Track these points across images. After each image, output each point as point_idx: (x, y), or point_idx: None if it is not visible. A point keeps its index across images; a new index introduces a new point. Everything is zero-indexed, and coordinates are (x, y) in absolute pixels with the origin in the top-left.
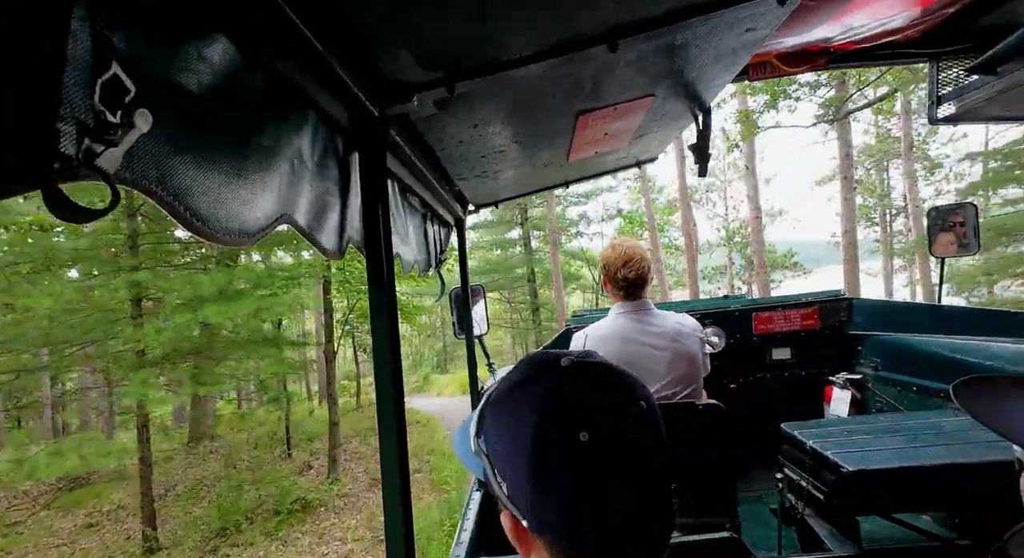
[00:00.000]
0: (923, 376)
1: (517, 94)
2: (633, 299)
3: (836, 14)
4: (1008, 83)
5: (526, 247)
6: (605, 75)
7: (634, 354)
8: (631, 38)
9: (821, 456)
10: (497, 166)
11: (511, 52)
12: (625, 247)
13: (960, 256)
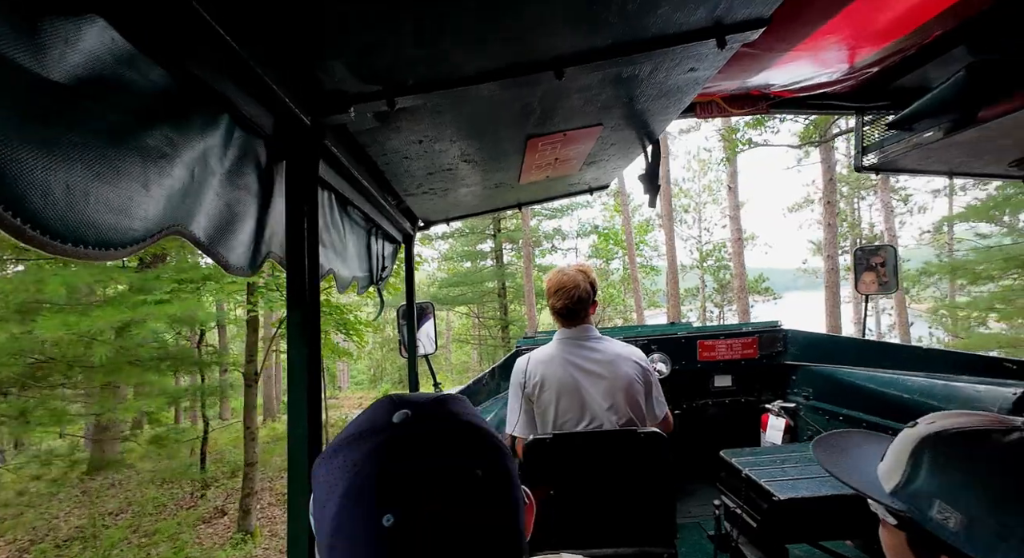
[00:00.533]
0: (848, 406)
1: (464, 113)
2: (571, 325)
3: (773, 64)
4: (920, 140)
5: (498, 260)
6: (554, 101)
7: (573, 380)
8: (577, 67)
9: (755, 484)
10: (446, 184)
11: (455, 71)
12: (561, 274)
13: (881, 294)
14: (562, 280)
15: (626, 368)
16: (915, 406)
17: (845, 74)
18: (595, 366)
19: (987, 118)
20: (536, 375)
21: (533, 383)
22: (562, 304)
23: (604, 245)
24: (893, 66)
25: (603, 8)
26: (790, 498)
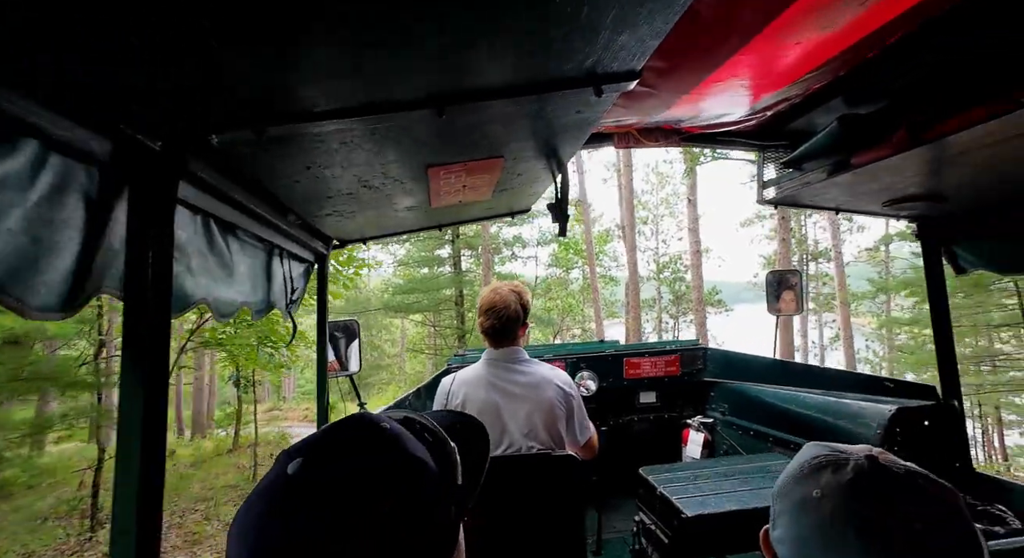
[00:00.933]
0: (758, 421)
1: (353, 142)
2: (499, 346)
3: (675, 104)
4: (808, 179)
5: (456, 267)
6: (446, 135)
7: (494, 404)
8: (458, 106)
9: (668, 501)
10: (351, 207)
11: (328, 103)
12: (493, 293)
13: (790, 315)
14: (493, 299)
15: (548, 393)
16: (812, 421)
17: (746, 115)
18: (518, 389)
19: (859, 164)
20: (458, 396)
21: (455, 404)
22: (490, 324)
23: (564, 254)
24: (785, 111)
25: (485, 54)
26: (698, 514)
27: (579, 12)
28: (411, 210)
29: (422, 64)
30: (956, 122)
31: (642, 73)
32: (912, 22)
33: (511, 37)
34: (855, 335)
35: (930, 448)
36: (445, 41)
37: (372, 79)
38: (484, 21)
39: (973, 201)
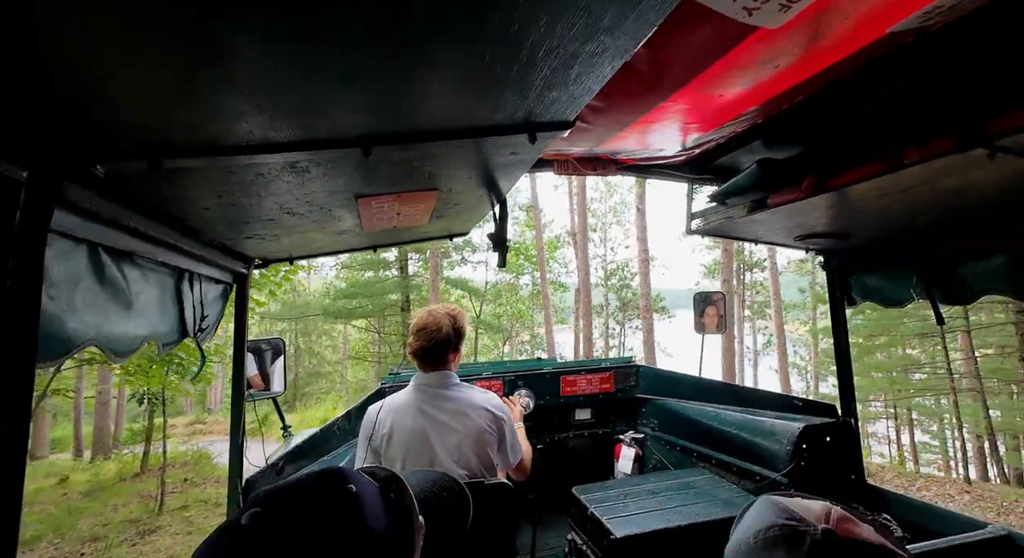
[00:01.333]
0: (684, 437)
1: (271, 175)
2: (430, 370)
3: (611, 139)
4: (731, 214)
5: (402, 271)
6: (377, 170)
7: (423, 432)
8: (386, 147)
9: (598, 521)
10: (274, 231)
11: (240, 138)
12: (428, 314)
13: (715, 334)
14: (426, 321)
15: (478, 419)
16: (732, 438)
17: (677, 152)
18: (447, 417)
19: (775, 204)
20: (386, 425)
21: (382, 434)
22: (419, 345)
23: (515, 260)
24: (711, 149)
25: (418, 99)
26: (626, 535)
27: (509, 70)
28: (342, 233)
29: (350, 106)
30: (853, 175)
31: (575, 122)
32: (818, 84)
33: (447, 86)
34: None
35: (830, 462)
36: (379, 84)
37: (291, 117)
38: (420, 67)
39: (867, 241)
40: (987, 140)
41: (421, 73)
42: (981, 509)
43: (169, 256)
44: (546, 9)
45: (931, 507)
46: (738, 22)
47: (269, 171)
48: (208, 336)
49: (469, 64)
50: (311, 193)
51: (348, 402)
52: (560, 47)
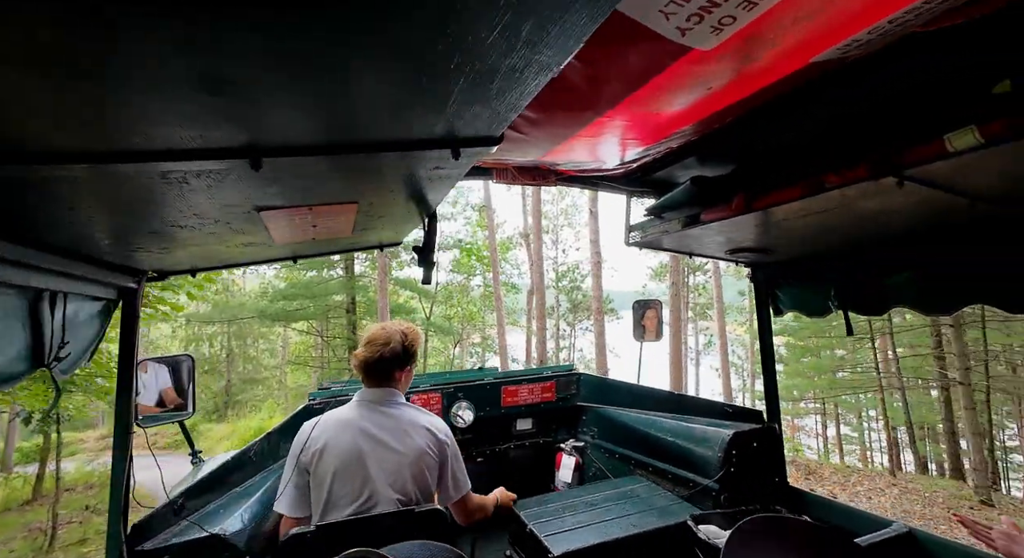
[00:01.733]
0: (622, 445)
1: (143, 188)
2: (374, 386)
3: (550, 151)
4: (667, 228)
5: (348, 271)
6: (275, 181)
7: (357, 451)
8: (281, 159)
9: (536, 538)
10: (160, 244)
11: (106, 143)
12: (380, 327)
13: (651, 341)
14: (376, 333)
15: (419, 439)
16: (668, 445)
17: (616, 165)
18: (388, 436)
19: (707, 220)
20: (319, 441)
21: (313, 451)
22: (366, 357)
23: (466, 260)
24: (649, 163)
25: (312, 111)
26: (564, 552)
27: (418, 83)
28: (252, 245)
29: (235, 114)
30: (779, 196)
31: (503, 138)
32: (748, 106)
33: (349, 97)
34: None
35: (757, 466)
36: (267, 92)
37: (164, 124)
38: (316, 76)
39: (789, 256)
40: (897, 169)
41: (318, 83)
42: (910, 502)
43: (17, 275)
44: (452, 20)
45: (846, 507)
46: (672, 42)
47: (141, 182)
48: (76, 364)
49: (372, 75)
50: (197, 206)
51: (287, 409)
52: (475, 61)
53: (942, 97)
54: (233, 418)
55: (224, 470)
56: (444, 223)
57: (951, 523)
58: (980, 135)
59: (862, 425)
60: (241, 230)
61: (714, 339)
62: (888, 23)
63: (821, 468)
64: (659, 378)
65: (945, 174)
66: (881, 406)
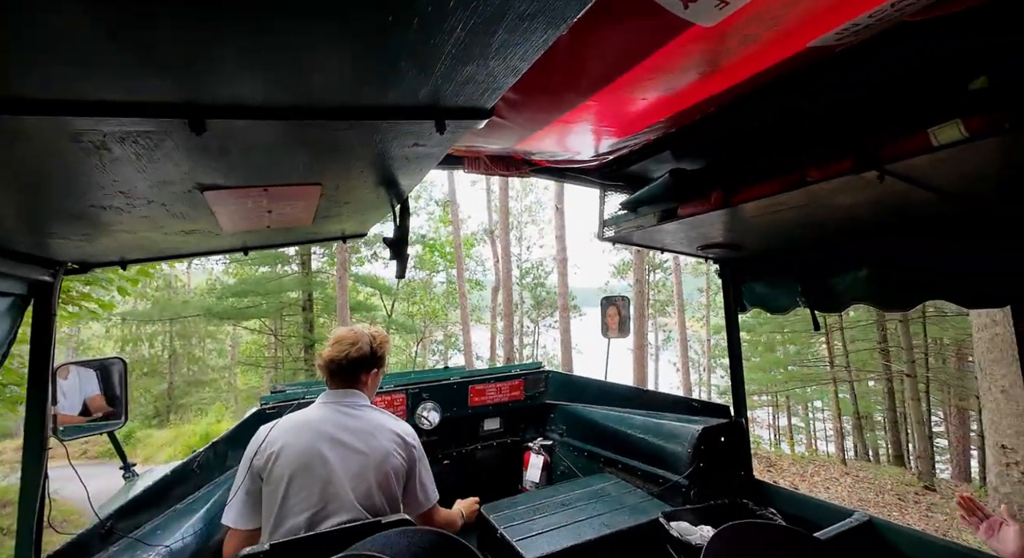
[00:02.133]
0: (591, 442)
1: (49, 153)
2: (338, 386)
3: (527, 138)
4: (641, 223)
5: (304, 266)
6: (225, 152)
7: (317, 453)
8: (229, 122)
9: (508, 543)
10: (81, 230)
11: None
12: (349, 329)
13: (618, 337)
14: (345, 334)
15: (386, 443)
16: (637, 441)
17: (591, 156)
18: (351, 437)
19: (684, 215)
20: (276, 444)
21: (269, 453)
22: (332, 356)
23: (429, 257)
24: (624, 156)
25: (267, 60)
26: (537, 556)
27: (406, 28)
28: (195, 233)
29: (167, 60)
30: (759, 190)
31: (493, 111)
32: (734, 94)
33: (314, 44)
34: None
35: (724, 460)
36: (208, 32)
37: (74, 63)
38: (270, 12)
39: (758, 252)
40: (879, 163)
41: (273, 22)
42: (863, 490)
43: None
44: None
45: (808, 499)
46: (672, 16)
47: (46, 146)
48: None
49: (345, 14)
50: (124, 181)
51: (237, 413)
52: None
53: (926, 90)
54: (176, 423)
55: (162, 485)
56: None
57: (903, 509)
58: (965, 129)
59: (809, 416)
60: (181, 214)
61: (673, 335)
62: (891, 7)
63: (781, 460)
64: (622, 374)
65: (923, 169)
66: (834, 398)
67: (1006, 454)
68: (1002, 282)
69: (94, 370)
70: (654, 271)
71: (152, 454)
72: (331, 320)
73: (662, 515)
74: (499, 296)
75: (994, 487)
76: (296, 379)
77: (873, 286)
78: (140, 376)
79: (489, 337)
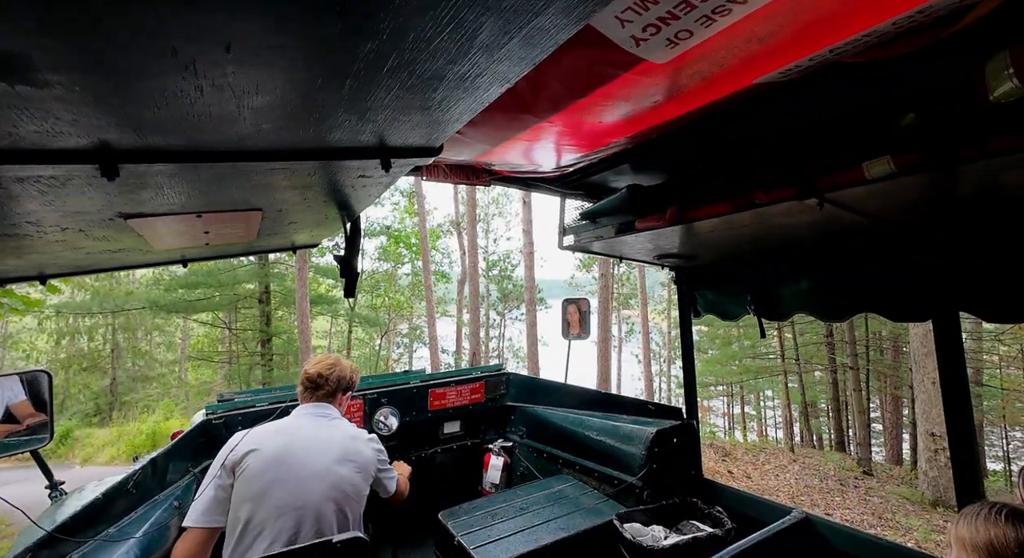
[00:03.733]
0: (551, 444)
1: None
2: (315, 399)
3: (485, 152)
4: (600, 233)
5: (260, 257)
6: (142, 188)
7: (292, 456)
8: (143, 166)
9: (465, 551)
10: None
11: None
12: (333, 355)
13: (579, 339)
14: (324, 357)
15: (360, 446)
16: (594, 443)
17: (553, 169)
18: (327, 442)
19: (641, 228)
20: (252, 444)
21: (245, 451)
22: (316, 371)
23: (394, 248)
24: (584, 167)
25: (191, 105)
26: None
27: (339, 87)
28: (124, 252)
29: (80, 105)
30: (711, 210)
31: (442, 149)
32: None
33: (243, 94)
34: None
35: (677, 459)
36: (97, 74)
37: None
38: (197, 62)
39: (711, 263)
40: (819, 192)
41: (203, 70)
42: (809, 476)
43: None
44: (390, 12)
45: (752, 497)
46: (624, 52)
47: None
48: None
49: (271, 65)
50: (29, 214)
51: (187, 410)
52: (415, 64)
53: (862, 124)
54: (119, 421)
55: (93, 508)
56: (371, 209)
57: (844, 494)
58: (894, 165)
59: (760, 404)
60: (104, 237)
61: (636, 327)
62: (829, 52)
63: (736, 449)
64: (587, 366)
65: (858, 198)
66: (784, 388)
67: (935, 441)
68: (924, 299)
69: (19, 382)
70: (618, 265)
71: (92, 455)
72: (290, 313)
73: (616, 517)
74: (465, 288)
75: (923, 471)
76: (253, 374)
77: (813, 298)
78: (78, 372)
79: (455, 330)
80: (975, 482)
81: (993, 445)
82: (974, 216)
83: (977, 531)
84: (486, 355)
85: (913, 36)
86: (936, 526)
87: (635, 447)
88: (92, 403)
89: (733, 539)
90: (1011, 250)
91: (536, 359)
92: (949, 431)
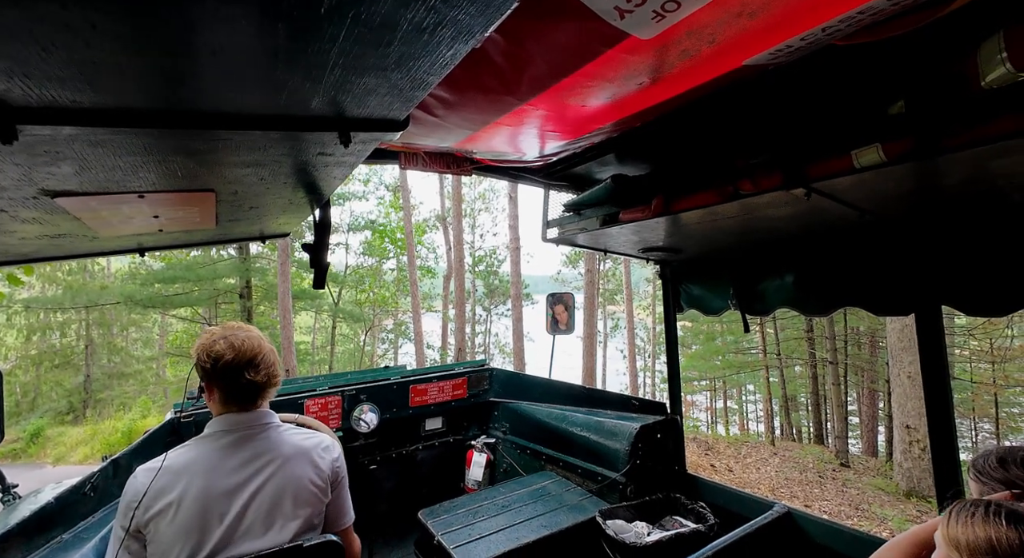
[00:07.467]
0: (533, 439)
1: None
2: (239, 410)
3: (466, 139)
4: (584, 225)
5: (241, 251)
6: (66, 159)
7: (229, 495)
8: (56, 128)
9: (445, 551)
10: None
11: None
12: (232, 331)
13: (563, 334)
14: (235, 334)
15: (305, 471)
16: (578, 438)
17: (536, 157)
18: (259, 475)
19: (625, 220)
20: (163, 497)
21: (158, 510)
22: (233, 358)
23: (379, 243)
24: (568, 157)
25: (105, 54)
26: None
27: (272, 33)
28: (64, 237)
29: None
30: (696, 200)
31: (408, 122)
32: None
33: (162, 39)
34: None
35: (660, 455)
36: (34, 19)
37: None
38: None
39: (696, 257)
40: (807, 181)
41: (113, 12)
42: (789, 469)
43: None
44: None
45: (735, 492)
46: (608, 26)
47: None
48: None
49: (195, 14)
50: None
51: (165, 407)
52: (359, 4)
53: (851, 111)
54: (94, 419)
55: (46, 511)
56: (355, 203)
57: (823, 486)
58: (883, 153)
59: (742, 398)
60: (35, 220)
61: (621, 323)
62: (821, 31)
63: (718, 443)
64: (573, 361)
65: (846, 188)
66: (765, 383)
67: (909, 433)
68: (907, 293)
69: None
70: (604, 261)
71: (65, 454)
72: (272, 308)
73: (599, 513)
74: (451, 284)
75: (898, 462)
76: None
77: (797, 292)
78: (50, 369)
79: (441, 325)
80: (954, 473)
81: (963, 436)
82: (960, 206)
83: (975, 533)
84: (472, 351)
85: (905, 16)
86: (910, 516)
87: (619, 443)
88: (65, 401)
89: (716, 534)
90: (993, 244)
91: (522, 355)
92: (930, 423)
